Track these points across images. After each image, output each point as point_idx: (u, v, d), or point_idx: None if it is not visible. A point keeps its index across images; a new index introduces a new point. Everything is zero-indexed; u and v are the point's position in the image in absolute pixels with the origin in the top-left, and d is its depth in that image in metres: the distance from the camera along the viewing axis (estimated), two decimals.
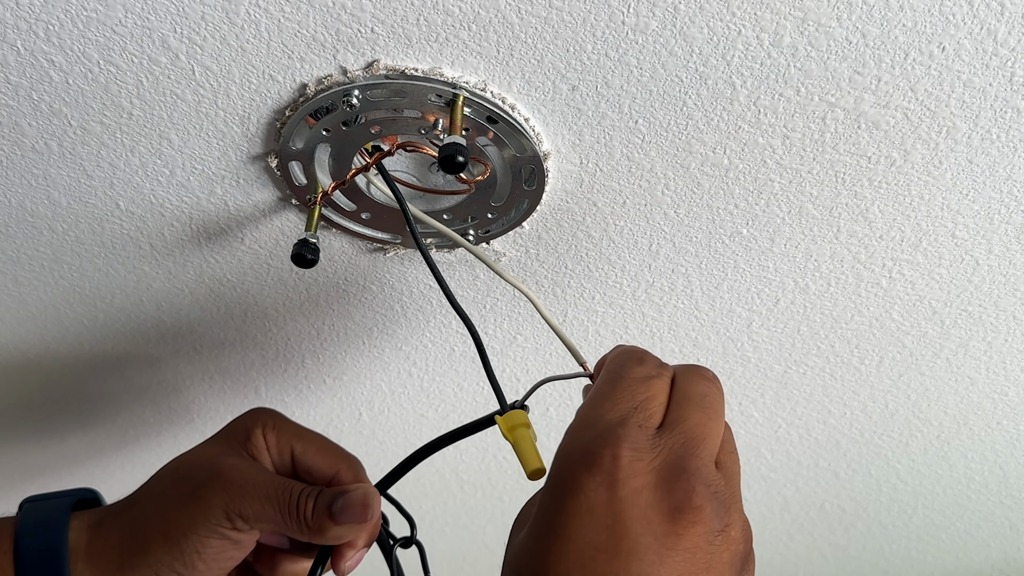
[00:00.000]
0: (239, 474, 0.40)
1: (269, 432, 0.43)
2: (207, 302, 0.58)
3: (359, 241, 0.51)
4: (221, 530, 0.39)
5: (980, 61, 0.39)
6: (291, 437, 0.43)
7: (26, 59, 0.39)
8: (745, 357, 0.63)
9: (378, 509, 0.41)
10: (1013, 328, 0.60)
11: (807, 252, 0.52)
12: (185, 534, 0.39)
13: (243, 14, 0.37)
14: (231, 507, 0.39)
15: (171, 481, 0.42)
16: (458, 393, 0.68)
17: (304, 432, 0.44)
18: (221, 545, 0.40)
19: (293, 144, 0.43)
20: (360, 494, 0.40)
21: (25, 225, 0.50)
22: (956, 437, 0.74)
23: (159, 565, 0.39)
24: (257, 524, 0.40)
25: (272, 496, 0.40)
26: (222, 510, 0.39)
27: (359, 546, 0.42)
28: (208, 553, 0.39)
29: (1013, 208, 0.49)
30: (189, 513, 0.39)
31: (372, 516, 0.40)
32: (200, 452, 0.43)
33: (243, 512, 0.39)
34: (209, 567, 0.40)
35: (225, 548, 0.40)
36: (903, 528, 0.90)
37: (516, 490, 0.83)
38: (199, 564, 0.39)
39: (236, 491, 0.39)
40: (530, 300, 0.43)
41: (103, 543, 0.40)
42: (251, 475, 0.40)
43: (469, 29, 0.37)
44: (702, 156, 0.45)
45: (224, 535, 0.39)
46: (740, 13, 0.36)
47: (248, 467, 0.41)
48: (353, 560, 0.42)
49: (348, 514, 0.40)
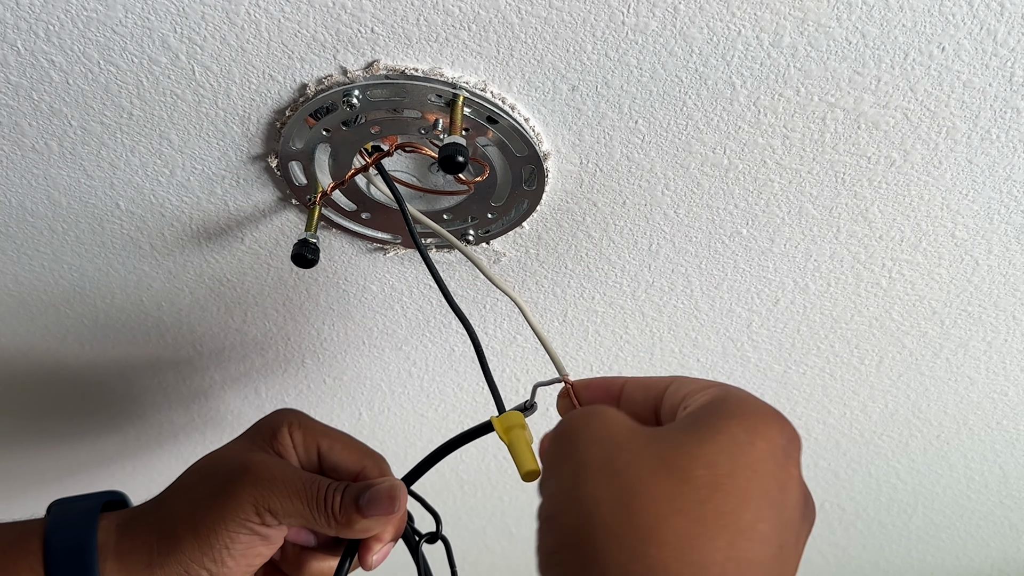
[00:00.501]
0: (267, 469, 0.41)
1: (295, 430, 0.44)
2: (207, 302, 0.58)
3: (359, 241, 0.51)
4: (250, 525, 0.40)
5: (980, 61, 0.39)
6: (317, 435, 0.44)
7: (26, 59, 0.39)
8: (745, 357, 0.63)
9: (404, 501, 0.42)
10: (1013, 328, 0.60)
11: (807, 252, 0.52)
12: (214, 529, 0.39)
13: (243, 14, 0.37)
14: (260, 502, 0.40)
15: (199, 479, 0.42)
16: (458, 393, 0.68)
17: (330, 430, 0.45)
18: (250, 540, 0.40)
19: (293, 144, 0.43)
20: (386, 486, 0.41)
21: (25, 225, 0.50)
22: (956, 437, 0.74)
23: (188, 562, 0.39)
24: (286, 519, 0.40)
25: (300, 491, 0.40)
26: (251, 505, 0.39)
27: (386, 539, 0.42)
28: (237, 549, 0.40)
29: (1013, 208, 0.49)
30: (218, 508, 0.40)
31: (399, 508, 0.41)
32: (228, 450, 0.44)
33: (272, 507, 0.40)
34: (238, 563, 0.40)
35: (254, 543, 0.40)
36: (903, 528, 0.90)
37: (516, 490, 0.83)
38: (228, 560, 0.40)
39: (265, 486, 0.40)
40: (516, 304, 0.43)
41: (132, 542, 0.40)
42: (279, 470, 0.41)
43: (469, 29, 0.37)
44: (702, 156, 0.45)
45: (253, 530, 0.40)
46: (740, 13, 0.36)
47: (276, 463, 0.42)
48: (380, 554, 0.42)
49: (375, 506, 0.40)
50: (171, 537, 0.40)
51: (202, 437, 0.73)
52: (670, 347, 0.62)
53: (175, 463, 0.76)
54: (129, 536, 0.41)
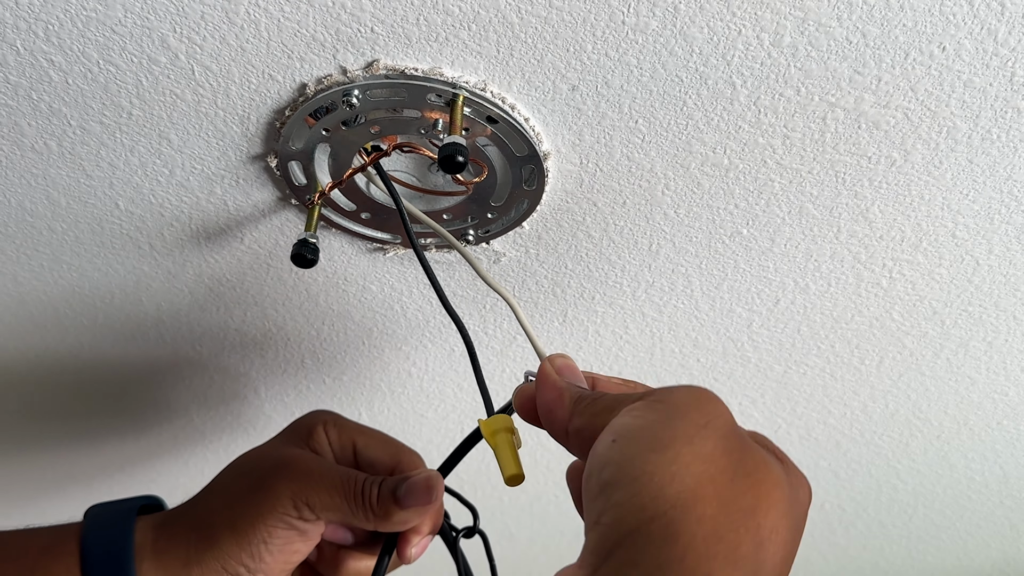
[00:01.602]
0: (305, 464, 0.41)
1: (331, 428, 0.44)
2: (207, 302, 0.58)
3: (359, 241, 0.51)
4: (288, 519, 0.40)
5: (980, 61, 0.39)
6: (352, 432, 0.45)
7: (26, 59, 0.39)
8: (745, 357, 0.63)
9: (441, 492, 0.42)
10: (1013, 328, 0.60)
11: (807, 252, 0.52)
12: (253, 524, 0.39)
13: (243, 14, 0.37)
14: (299, 496, 0.40)
15: (236, 476, 0.43)
16: (458, 393, 0.68)
17: (364, 427, 0.45)
18: (288, 536, 0.40)
19: (293, 144, 0.43)
20: (423, 478, 0.41)
21: (25, 225, 0.50)
22: (956, 437, 0.74)
23: (226, 558, 0.39)
24: (324, 513, 0.40)
25: (338, 485, 0.40)
26: (290, 499, 0.40)
27: (424, 531, 0.43)
28: (275, 544, 0.40)
29: (1013, 208, 0.49)
30: (256, 503, 0.40)
31: (436, 498, 0.41)
32: (264, 448, 0.44)
33: (311, 501, 0.40)
34: (275, 559, 0.40)
35: (291, 539, 0.40)
36: (903, 528, 0.90)
37: (516, 490, 0.83)
38: (266, 556, 0.40)
39: (303, 480, 0.40)
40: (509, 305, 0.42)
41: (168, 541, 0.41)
42: (317, 465, 0.41)
43: (469, 29, 0.37)
44: (702, 156, 0.45)
45: (291, 524, 0.40)
46: (740, 13, 0.36)
47: (313, 458, 0.42)
48: (419, 547, 0.43)
49: (413, 497, 0.40)
50: (209, 534, 0.40)
51: (201, 437, 0.73)
52: (670, 347, 0.62)
53: (175, 463, 0.76)
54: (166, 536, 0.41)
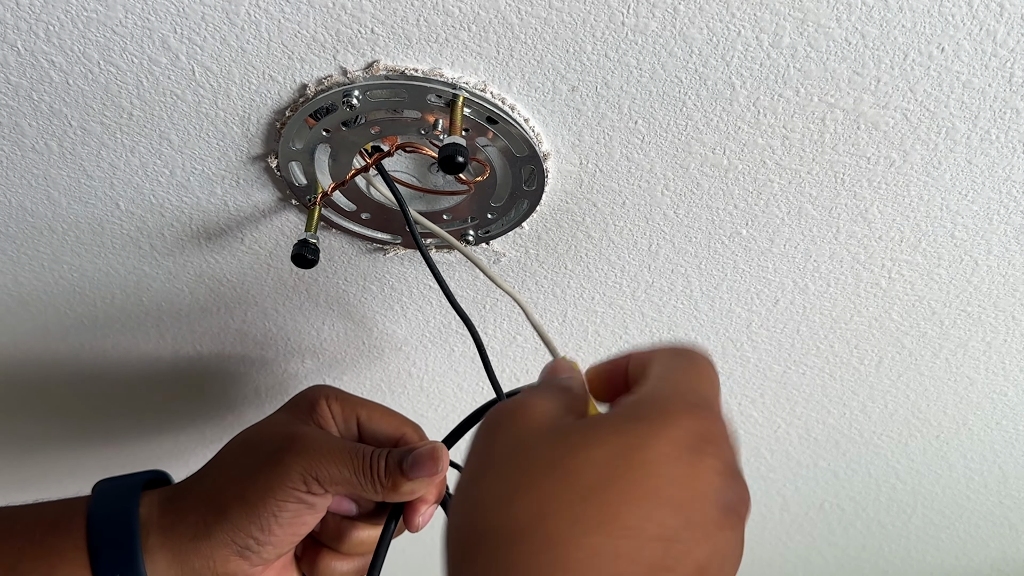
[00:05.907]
0: (313, 440, 0.42)
1: (334, 403, 0.45)
2: (207, 302, 0.58)
3: (359, 241, 0.51)
4: (298, 493, 0.40)
5: (979, 62, 0.39)
6: (355, 406, 0.45)
7: (26, 59, 0.39)
8: (744, 357, 0.63)
9: (446, 462, 0.43)
10: (1012, 328, 0.60)
11: (806, 253, 0.52)
12: (263, 498, 0.40)
13: (243, 15, 0.37)
14: (308, 470, 0.40)
15: (243, 450, 0.43)
16: (458, 393, 0.68)
17: (366, 401, 0.46)
18: (297, 509, 0.41)
19: (293, 144, 0.43)
20: (429, 448, 0.42)
21: (25, 225, 0.50)
22: (955, 437, 0.74)
23: (235, 531, 0.40)
24: (332, 487, 0.41)
25: (346, 459, 0.41)
26: (299, 474, 0.40)
27: (431, 500, 0.44)
28: (284, 517, 0.40)
29: (1012, 208, 0.49)
30: (265, 478, 0.41)
31: (442, 469, 0.42)
32: (270, 423, 0.45)
33: (319, 475, 0.41)
34: (284, 531, 0.41)
35: (300, 512, 0.41)
36: (902, 528, 0.90)
37: None
38: (275, 528, 0.40)
39: (312, 455, 0.41)
40: (519, 304, 0.43)
41: (176, 515, 0.41)
42: (324, 440, 0.42)
43: (469, 30, 0.37)
44: (701, 157, 0.45)
45: (301, 498, 0.41)
46: (739, 14, 0.36)
47: (321, 434, 0.43)
48: (425, 516, 0.44)
49: (419, 468, 0.41)
50: (218, 507, 0.41)
51: (201, 436, 0.73)
52: None
53: (176, 463, 0.76)
54: (173, 510, 0.41)
